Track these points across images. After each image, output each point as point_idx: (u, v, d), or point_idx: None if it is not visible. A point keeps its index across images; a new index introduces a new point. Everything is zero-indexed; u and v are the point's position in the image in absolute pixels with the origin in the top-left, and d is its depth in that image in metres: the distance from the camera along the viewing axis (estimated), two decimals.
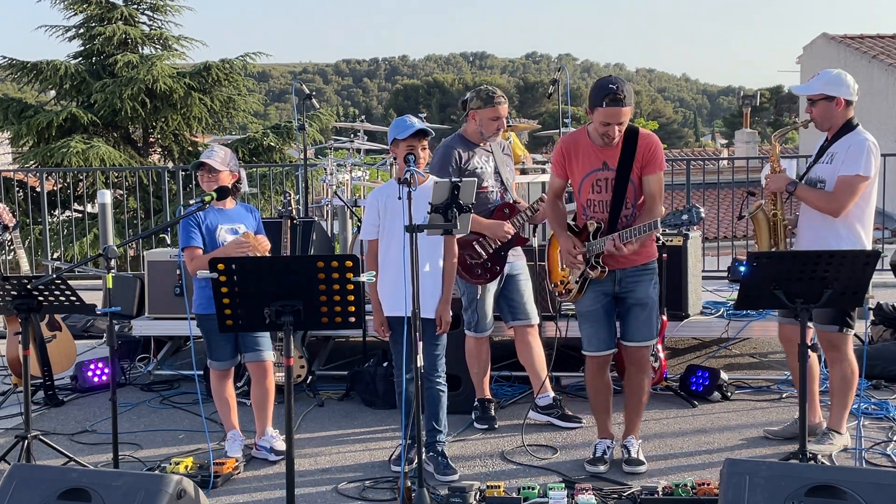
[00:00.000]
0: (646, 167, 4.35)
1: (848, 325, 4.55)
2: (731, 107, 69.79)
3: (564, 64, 7.08)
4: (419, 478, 3.88)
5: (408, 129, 4.39)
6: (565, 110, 6.93)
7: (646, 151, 4.34)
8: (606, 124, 4.24)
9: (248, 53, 17.58)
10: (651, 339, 4.56)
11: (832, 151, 4.52)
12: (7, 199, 10.48)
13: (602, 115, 4.23)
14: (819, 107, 4.53)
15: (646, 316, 4.48)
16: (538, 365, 5.27)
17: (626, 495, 4.11)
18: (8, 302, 4.32)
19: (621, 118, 4.23)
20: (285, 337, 3.65)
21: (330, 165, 7.73)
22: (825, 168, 4.52)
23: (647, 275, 4.48)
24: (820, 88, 4.52)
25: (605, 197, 4.40)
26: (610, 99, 4.18)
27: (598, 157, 4.39)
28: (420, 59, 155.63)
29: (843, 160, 4.42)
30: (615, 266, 4.41)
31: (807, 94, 4.58)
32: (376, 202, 4.56)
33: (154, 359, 6.69)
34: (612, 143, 4.32)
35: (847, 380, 4.61)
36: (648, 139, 4.38)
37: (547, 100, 7.49)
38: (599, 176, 4.39)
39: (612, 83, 4.21)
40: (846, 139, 4.49)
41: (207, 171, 4.69)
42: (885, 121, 18.76)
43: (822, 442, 4.62)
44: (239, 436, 4.79)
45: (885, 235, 12.65)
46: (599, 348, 4.54)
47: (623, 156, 4.34)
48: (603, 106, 4.20)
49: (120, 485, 3.26)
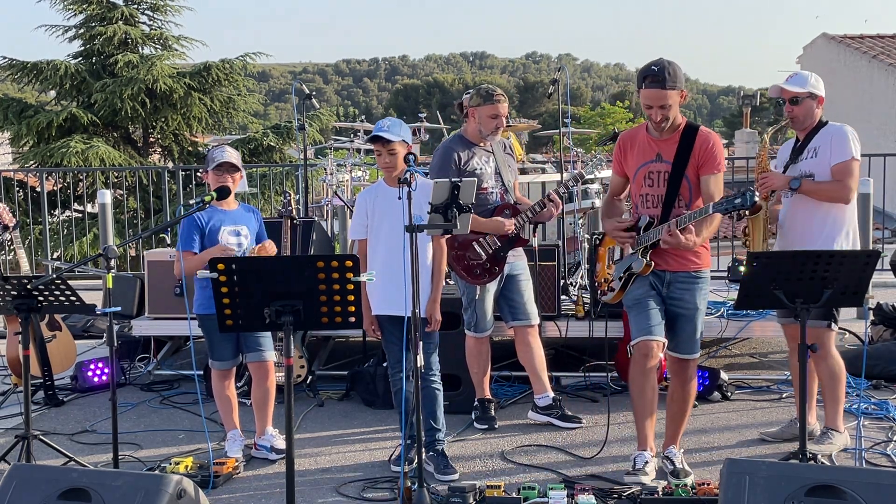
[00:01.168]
0: (703, 166, 4.18)
1: (835, 321, 4.60)
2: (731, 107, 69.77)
3: (564, 64, 7.08)
4: (419, 478, 3.88)
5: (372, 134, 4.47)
6: (565, 110, 6.92)
7: (704, 149, 4.18)
8: (648, 107, 4.14)
9: (248, 53, 17.60)
10: (694, 353, 4.34)
11: (813, 147, 4.59)
12: (7, 199, 10.47)
13: (643, 97, 4.14)
14: (804, 105, 4.59)
15: (692, 329, 4.29)
16: (538, 365, 5.26)
17: (626, 495, 4.10)
18: (8, 302, 4.31)
19: (662, 100, 4.09)
20: (285, 337, 3.65)
21: (330, 165, 7.74)
22: (811, 162, 4.57)
23: (698, 283, 4.28)
24: (807, 87, 4.59)
25: (659, 191, 4.24)
26: (650, 80, 4.08)
27: (652, 149, 4.27)
28: (420, 59, 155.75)
29: (830, 151, 4.51)
30: (665, 267, 4.25)
31: (795, 93, 4.59)
32: (365, 202, 4.60)
33: (154, 359, 6.69)
34: (660, 127, 4.18)
35: (835, 375, 4.63)
36: (708, 137, 4.21)
37: (547, 100, 7.48)
38: (652, 168, 4.25)
39: (655, 65, 4.11)
40: (824, 133, 4.59)
41: (227, 169, 4.69)
42: (885, 121, 18.75)
43: (821, 442, 4.62)
44: (239, 436, 4.79)
45: (885, 235, 12.65)
46: (650, 333, 4.19)
47: (680, 149, 4.19)
48: (643, 87, 4.12)
49: (120, 485, 3.26)
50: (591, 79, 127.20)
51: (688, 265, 4.26)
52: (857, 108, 19.31)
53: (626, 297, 4.34)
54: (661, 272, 4.27)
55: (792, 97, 4.60)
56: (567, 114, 7.09)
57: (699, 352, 4.42)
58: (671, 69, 4.09)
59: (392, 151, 4.43)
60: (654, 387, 4.27)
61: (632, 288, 4.30)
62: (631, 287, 4.31)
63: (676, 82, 4.11)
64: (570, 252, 6.79)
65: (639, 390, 4.28)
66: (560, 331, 5.98)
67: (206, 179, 4.79)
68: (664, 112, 4.14)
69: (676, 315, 4.29)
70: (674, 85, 4.10)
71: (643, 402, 4.29)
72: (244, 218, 4.82)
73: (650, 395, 4.27)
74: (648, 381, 4.25)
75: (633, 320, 4.30)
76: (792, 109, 4.61)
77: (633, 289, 4.30)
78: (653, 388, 4.27)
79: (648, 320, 4.23)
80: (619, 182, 4.49)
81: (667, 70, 4.08)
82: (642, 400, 4.29)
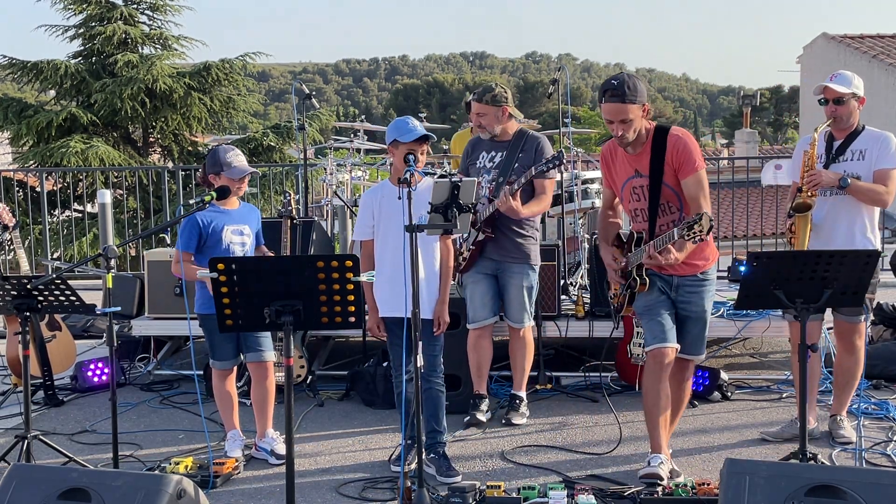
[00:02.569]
0: (680, 169, 4.11)
1: (867, 312, 4.77)
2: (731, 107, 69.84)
3: (564, 64, 7.07)
4: (419, 478, 3.88)
5: (410, 132, 4.36)
6: (565, 110, 6.92)
7: (675, 153, 4.11)
8: (610, 122, 4.12)
9: (248, 53, 17.60)
10: (700, 354, 4.37)
11: (859, 148, 4.66)
12: (7, 199, 10.47)
13: (603, 111, 4.11)
14: (848, 105, 4.64)
15: (699, 331, 4.30)
16: (517, 364, 5.34)
17: (626, 495, 4.10)
18: (8, 302, 4.31)
19: (622, 115, 4.03)
20: (285, 337, 3.65)
21: (330, 165, 7.74)
22: (858, 164, 4.64)
23: (706, 285, 4.28)
24: (851, 87, 4.64)
25: (643, 205, 4.22)
26: (610, 94, 4.04)
27: (630, 165, 4.24)
28: (420, 59, 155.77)
29: (877, 155, 4.60)
30: (672, 272, 4.22)
31: (841, 93, 4.61)
32: (371, 202, 4.56)
33: (154, 359, 6.69)
34: (623, 142, 4.15)
35: (859, 366, 4.81)
36: (677, 139, 4.12)
37: (547, 100, 7.48)
38: (635, 183, 4.23)
39: (615, 79, 4.08)
40: (869, 136, 4.68)
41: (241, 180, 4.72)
42: (885, 121, 18.67)
43: (841, 427, 4.81)
44: (239, 435, 4.79)
45: (885, 235, 12.65)
46: (664, 339, 4.17)
47: (653, 161, 4.14)
48: (603, 101, 4.10)
49: (120, 485, 3.26)
50: (591, 79, 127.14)
51: (695, 269, 4.24)
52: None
53: (636, 304, 4.33)
54: (669, 277, 4.26)
55: (837, 97, 4.63)
56: (567, 114, 7.09)
57: (704, 353, 4.42)
58: (631, 83, 4.04)
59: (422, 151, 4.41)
60: (667, 393, 4.23)
61: (641, 294, 4.29)
62: (640, 294, 4.30)
63: (637, 96, 4.04)
64: (570, 252, 6.80)
65: (654, 397, 4.23)
66: (560, 331, 5.98)
67: (214, 182, 4.69)
68: (625, 126, 4.07)
69: (685, 317, 4.30)
70: (633, 98, 4.03)
71: (658, 409, 4.23)
72: (246, 217, 4.82)
73: (664, 402, 4.23)
74: (663, 388, 4.22)
75: (646, 327, 4.27)
76: (836, 109, 4.65)
77: (643, 295, 4.29)
78: (667, 395, 4.23)
79: (662, 326, 4.20)
80: (609, 194, 4.48)
81: (626, 84, 4.03)
82: (657, 407, 4.23)
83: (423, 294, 4.30)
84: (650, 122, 4.20)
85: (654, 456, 4.24)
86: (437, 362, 4.54)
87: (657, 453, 4.24)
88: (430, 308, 4.45)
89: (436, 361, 4.53)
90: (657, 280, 4.26)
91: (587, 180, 6.82)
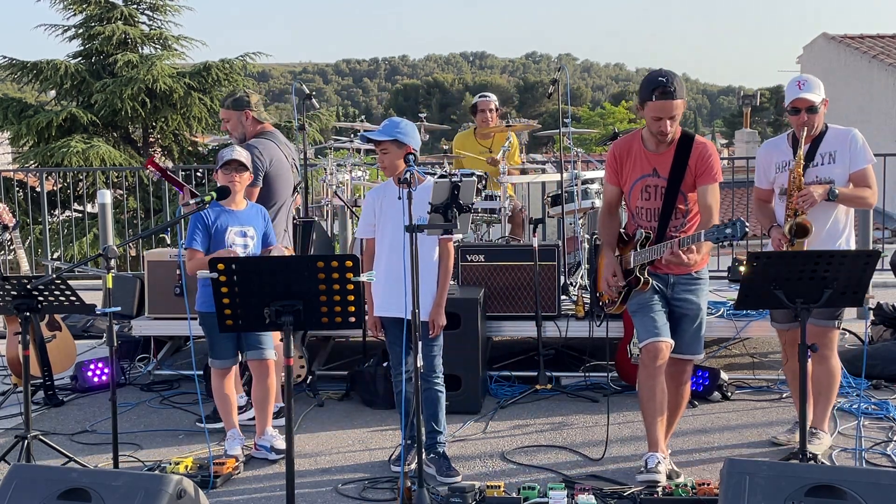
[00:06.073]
0: (700, 177, 4.17)
1: (840, 320, 4.63)
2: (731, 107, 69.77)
3: (564, 64, 7.06)
4: (419, 478, 3.88)
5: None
6: (565, 110, 6.92)
7: (699, 160, 4.16)
8: (658, 119, 4.11)
9: (248, 53, 17.57)
10: (697, 353, 4.36)
11: (827, 150, 4.56)
12: (7, 199, 10.47)
13: (652, 109, 4.10)
14: (820, 112, 4.55)
15: (694, 329, 4.31)
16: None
17: (626, 495, 4.10)
18: (8, 302, 4.32)
19: (672, 111, 4.08)
20: (285, 337, 3.65)
21: (330, 165, 7.73)
22: (830, 168, 4.55)
23: (700, 283, 4.32)
24: (821, 93, 4.56)
25: (655, 205, 4.24)
26: (660, 92, 4.05)
27: (648, 163, 4.25)
28: (420, 59, 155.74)
29: (850, 157, 4.52)
30: (667, 271, 4.26)
31: (815, 102, 4.51)
32: (373, 201, 4.57)
33: (154, 359, 6.68)
34: (667, 139, 4.16)
35: (834, 376, 4.68)
36: (703, 147, 4.19)
37: (547, 100, 7.48)
38: (649, 182, 4.25)
39: (662, 76, 4.09)
40: (834, 137, 4.58)
41: (235, 168, 4.68)
42: (885, 121, 18.75)
43: (810, 442, 4.61)
44: (239, 434, 4.79)
45: (885, 235, 12.65)
46: (657, 334, 4.17)
47: (675, 163, 4.18)
48: (653, 99, 4.08)
49: (120, 485, 3.26)
50: (591, 79, 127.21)
51: (689, 268, 4.25)
52: (857, 108, 19.31)
53: (630, 302, 4.34)
54: (664, 275, 4.28)
55: (810, 106, 4.51)
56: (567, 114, 7.09)
57: (702, 353, 4.41)
58: (676, 79, 4.09)
59: (384, 150, 4.41)
60: (663, 389, 4.22)
61: (636, 293, 4.30)
62: (635, 292, 4.29)
63: (683, 91, 4.12)
64: (570, 252, 6.80)
65: (649, 393, 4.21)
66: (560, 331, 5.99)
67: (216, 179, 4.76)
68: (673, 122, 4.14)
69: (682, 315, 4.30)
70: (681, 95, 4.11)
71: (654, 405, 4.22)
72: (252, 218, 4.81)
73: (660, 398, 4.22)
74: (658, 383, 4.20)
75: (639, 323, 4.28)
76: (810, 118, 4.52)
77: (638, 293, 4.29)
78: (662, 391, 4.22)
79: (655, 322, 4.21)
80: (614, 192, 4.44)
81: (675, 81, 4.07)
82: (653, 403, 4.22)
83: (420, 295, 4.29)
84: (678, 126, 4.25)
85: (650, 455, 4.23)
86: (435, 363, 4.54)
87: (654, 452, 4.23)
88: (424, 310, 4.42)
89: (434, 362, 4.53)
90: (653, 279, 4.27)
91: (587, 180, 6.81)
